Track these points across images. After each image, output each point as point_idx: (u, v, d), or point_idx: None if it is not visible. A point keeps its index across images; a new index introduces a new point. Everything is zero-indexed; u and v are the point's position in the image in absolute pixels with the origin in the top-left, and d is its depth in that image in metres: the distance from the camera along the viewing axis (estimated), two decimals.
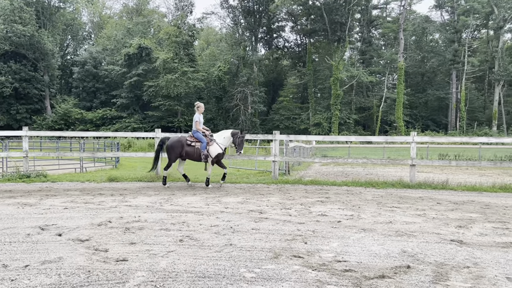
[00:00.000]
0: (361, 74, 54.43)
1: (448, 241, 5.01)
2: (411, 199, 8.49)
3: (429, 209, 7.31)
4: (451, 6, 61.08)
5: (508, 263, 4.15)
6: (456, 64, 57.61)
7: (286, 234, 5.27)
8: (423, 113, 60.85)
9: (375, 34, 67.94)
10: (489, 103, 60.13)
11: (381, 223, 6.06)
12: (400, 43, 56.11)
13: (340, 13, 53.80)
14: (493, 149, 31.78)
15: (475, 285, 3.52)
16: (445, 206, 7.67)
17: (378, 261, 4.20)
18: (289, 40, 68.82)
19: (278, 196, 8.79)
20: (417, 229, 5.63)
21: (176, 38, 53.50)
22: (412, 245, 4.81)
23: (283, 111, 60.28)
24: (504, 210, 7.31)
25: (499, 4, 56.21)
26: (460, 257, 4.33)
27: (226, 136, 10.37)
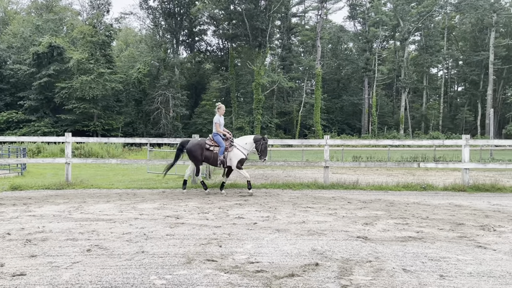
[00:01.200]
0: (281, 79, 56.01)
1: (354, 238, 5.31)
2: (324, 199, 8.88)
3: (340, 208, 7.70)
4: (362, 17, 65.34)
5: (405, 255, 4.50)
6: (368, 71, 61.66)
7: (201, 239, 5.22)
8: (339, 117, 64.20)
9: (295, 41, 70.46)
10: (397, 108, 65.15)
11: (295, 223, 6.25)
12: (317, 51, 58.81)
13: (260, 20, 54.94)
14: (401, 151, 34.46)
15: (375, 278, 3.76)
16: (354, 205, 8.13)
17: (289, 260, 4.32)
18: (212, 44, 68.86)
19: (197, 200, 8.71)
20: (327, 228, 5.90)
21: (92, 37, 50.89)
22: (322, 243, 5.03)
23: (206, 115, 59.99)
24: (406, 207, 7.94)
25: (404, 18, 61.24)
26: (364, 253, 4.61)
27: (249, 142, 9.95)
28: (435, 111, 64.49)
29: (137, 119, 56.36)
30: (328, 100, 62.12)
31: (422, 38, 65.17)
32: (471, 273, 3.92)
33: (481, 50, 60.25)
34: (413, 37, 65.76)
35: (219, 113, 10.04)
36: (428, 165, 12.55)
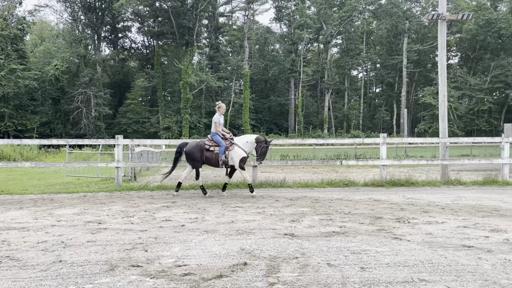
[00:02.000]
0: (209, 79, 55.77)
1: (282, 235, 5.41)
2: (253, 198, 8.97)
3: (268, 206, 7.82)
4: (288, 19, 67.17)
5: (329, 250, 4.67)
6: (294, 73, 63.53)
7: (126, 244, 5.01)
8: (267, 117, 65.42)
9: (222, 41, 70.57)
10: (321, 108, 67.87)
11: (223, 223, 6.23)
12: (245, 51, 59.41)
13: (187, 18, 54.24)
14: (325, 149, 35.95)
15: (301, 274, 3.86)
16: (282, 202, 8.31)
17: (217, 261, 4.29)
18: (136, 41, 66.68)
19: (121, 204, 8.35)
20: (256, 226, 5.95)
21: (2, 31, 46.82)
22: (250, 242, 5.05)
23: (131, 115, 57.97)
24: (330, 203, 8.27)
25: (327, 22, 63.93)
26: (291, 249, 4.71)
27: (250, 141, 9.53)
28: (356, 111, 68.17)
29: (54, 119, 52.89)
30: (256, 100, 63.04)
31: (343, 41, 68.53)
32: (389, 263, 4.16)
33: (396, 54, 64.77)
34: (335, 40, 68.97)
35: (219, 112, 9.77)
36: (350, 163, 13.19)
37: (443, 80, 12.94)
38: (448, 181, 11.74)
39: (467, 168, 17.86)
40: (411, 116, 64.48)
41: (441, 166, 12.64)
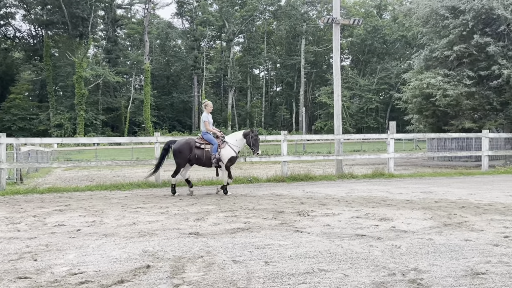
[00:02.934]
0: (107, 73, 52.86)
1: (186, 234, 5.31)
2: (156, 198, 8.68)
3: (172, 205, 7.63)
4: (190, 15, 66.40)
5: (235, 247, 4.69)
6: (197, 70, 63.05)
7: (11, 254, 4.49)
8: (169, 114, 64.03)
9: (121, 34, 67.30)
10: (225, 106, 68.38)
11: (124, 225, 5.92)
12: (145, 45, 57.36)
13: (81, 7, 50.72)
14: None
15: (207, 272, 3.81)
16: (186, 201, 8.17)
17: (118, 266, 4.05)
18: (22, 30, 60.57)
19: (5, 209, 7.49)
20: (159, 227, 5.76)
21: None
22: (153, 244, 4.87)
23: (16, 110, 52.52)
24: (234, 199, 8.34)
25: (229, 20, 64.52)
26: (196, 248, 4.63)
27: (238, 138, 9.37)
28: (258, 109, 69.98)
29: None
30: (158, 97, 61.32)
31: (245, 40, 69.80)
32: (291, 256, 4.31)
33: (295, 55, 67.85)
34: (238, 38, 69.97)
35: (207, 110, 9.52)
36: (253, 159, 13.45)
37: (338, 81, 13.84)
38: (343, 175, 12.60)
39: (358, 163, 19.36)
40: (309, 114, 68.11)
41: (336, 161, 13.52)
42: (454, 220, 6.02)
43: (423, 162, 19.92)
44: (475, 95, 16.29)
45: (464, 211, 6.74)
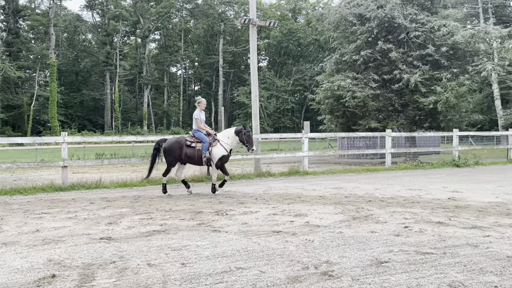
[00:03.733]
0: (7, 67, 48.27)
1: (97, 240, 5.01)
2: (63, 202, 8.10)
3: (82, 210, 7.18)
4: (101, 9, 63.12)
5: (150, 250, 4.53)
6: (109, 66, 60.14)
7: None
8: (79, 113, 60.26)
9: (23, 25, 61.88)
10: (140, 104, 66.12)
11: (26, 233, 5.43)
12: (51, 39, 53.30)
13: None
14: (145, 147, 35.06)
15: (119, 278, 3.63)
16: (98, 205, 7.73)
17: (20, 277, 3.70)
18: None
19: None
20: (66, 233, 5.37)
21: None
22: (60, 251, 4.53)
23: None
24: (150, 201, 8.08)
25: (144, 16, 62.48)
26: (108, 254, 4.40)
27: (230, 136, 9.10)
28: (175, 108, 68.66)
29: None
30: (66, 94, 57.33)
31: (162, 37, 68.11)
32: (208, 256, 4.28)
33: (213, 54, 67.72)
34: (154, 35, 68.06)
35: (200, 108, 9.29)
36: None
37: (255, 81, 14.07)
38: (260, 173, 12.84)
39: (276, 161, 19.89)
40: (228, 114, 68.48)
41: (254, 160, 13.75)
42: (362, 214, 6.43)
43: (334, 160, 21.05)
44: (379, 97, 17.57)
45: (370, 205, 7.23)
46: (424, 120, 17.92)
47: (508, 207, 6.93)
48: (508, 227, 5.45)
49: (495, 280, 3.51)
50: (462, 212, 6.56)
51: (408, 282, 3.49)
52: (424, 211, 6.65)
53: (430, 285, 3.41)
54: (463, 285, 3.41)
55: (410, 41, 17.01)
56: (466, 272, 3.72)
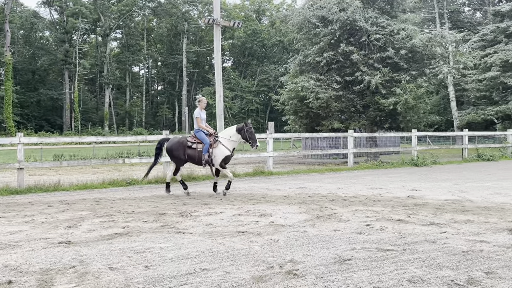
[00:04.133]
0: None
1: (56, 244, 4.83)
2: (19, 206, 7.75)
3: (39, 213, 6.90)
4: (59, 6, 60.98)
5: (111, 253, 4.42)
6: (68, 64, 58.21)
7: None
8: (36, 113, 57.93)
9: None
10: (101, 104, 64.38)
11: None
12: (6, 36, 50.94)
13: None
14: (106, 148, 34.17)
15: (79, 283, 3.52)
16: (56, 208, 7.45)
17: None
18: None
19: None
20: (23, 238, 5.15)
21: None
22: (16, 256, 4.33)
23: None
24: (112, 203, 7.87)
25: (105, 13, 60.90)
26: (67, 258, 4.25)
27: (232, 134, 8.88)
28: (138, 108, 67.32)
29: None
30: (22, 93, 54.92)
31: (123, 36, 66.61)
32: (172, 258, 4.22)
33: (176, 54, 66.92)
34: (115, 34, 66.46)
35: (200, 106, 9.11)
36: (133, 161, 12.92)
37: (219, 81, 14.03)
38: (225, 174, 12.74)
39: (241, 162, 19.87)
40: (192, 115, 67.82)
41: None
42: (325, 213, 6.54)
43: (299, 160, 21.30)
44: (342, 98, 17.95)
45: (333, 204, 7.36)
46: (385, 121, 18.46)
47: (463, 204, 7.25)
48: (463, 224, 5.70)
49: (451, 274, 3.66)
50: (420, 209, 6.80)
51: (370, 278, 3.58)
52: (385, 209, 6.84)
53: (391, 281, 3.51)
54: (422, 280, 3.53)
55: (371, 43, 17.47)
56: (424, 267, 3.86)
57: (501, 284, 3.42)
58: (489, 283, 3.44)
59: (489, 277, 3.57)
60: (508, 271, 3.71)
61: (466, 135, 18.95)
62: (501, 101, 25.71)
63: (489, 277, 3.57)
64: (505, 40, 26.31)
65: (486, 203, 7.32)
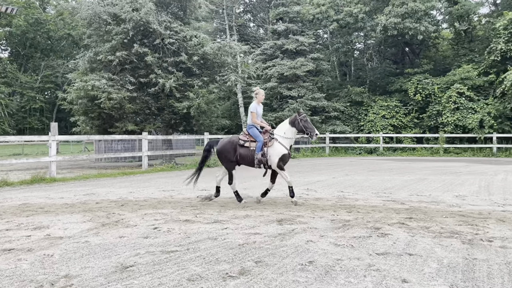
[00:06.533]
0: None
1: None
2: None
3: None
4: None
5: None
6: None
7: None
8: None
9: None
10: None
11: None
12: None
13: None
14: None
15: None
16: None
17: None
18: None
19: None
20: None
21: None
22: None
23: None
24: None
25: None
26: None
27: (286, 129, 7.62)
28: None
29: None
30: None
31: None
32: None
33: None
34: None
35: (257, 100, 7.90)
36: None
37: None
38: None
39: (18, 168, 17.27)
40: None
41: None
42: (112, 219, 6.21)
43: (90, 164, 19.85)
44: (136, 99, 17.55)
45: (122, 209, 7.08)
46: (179, 124, 18.90)
47: (245, 200, 7.96)
48: (242, 219, 6.24)
49: (227, 267, 3.93)
50: (207, 208, 7.16)
51: (151, 282, 3.53)
52: (174, 210, 6.94)
53: (171, 282, 3.54)
54: (201, 276, 3.68)
55: (166, 47, 17.64)
56: (204, 264, 4.03)
57: (266, 270, 3.85)
58: (257, 271, 3.83)
59: (258, 266, 3.97)
60: (273, 258, 4.21)
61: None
62: (278, 108, 29.52)
63: (258, 266, 3.97)
64: (281, 56, 30.39)
65: (264, 198, 8.22)
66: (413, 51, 32.66)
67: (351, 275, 3.71)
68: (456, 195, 8.72)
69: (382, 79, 31.86)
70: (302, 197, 8.46)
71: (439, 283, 3.51)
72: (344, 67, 37.62)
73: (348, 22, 28.48)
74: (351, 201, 7.91)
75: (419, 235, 5.15)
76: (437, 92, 26.43)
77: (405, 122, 27.37)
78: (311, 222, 5.98)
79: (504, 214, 6.63)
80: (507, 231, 5.41)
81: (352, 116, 28.75)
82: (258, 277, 3.66)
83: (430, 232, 5.30)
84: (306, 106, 27.65)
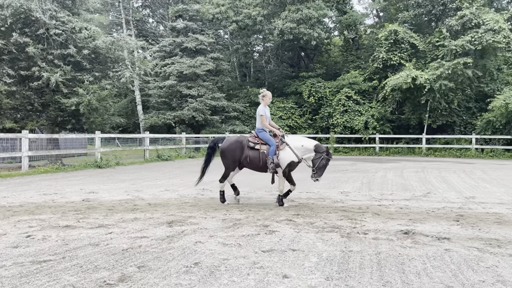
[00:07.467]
0: None
1: None
2: None
3: None
4: None
5: None
6: None
7: None
8: None
9: None
10: None
11: None
12: None
13: None
14: None
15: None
16: None
17: None
18: None
19: None
20: None
21: None
22: None
23: None
24: None
25: None
26: None
27: (306, 147, 7.27)
28: None
29: None
30: None
31: None
32: None
33: None
34: None
35: (264, 102, 7.54)
36: None
37: None
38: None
39: None
40: None
41: None
42: None
43: None
44: (16, 94, 15.85)
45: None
46: (67, 122, 17.51)
47: (136, 203, 7.61)
48: (130, 222, 5.94)
49: (106, 275, 3.67)
50: (92, 212, 6.68)
51: None
52: (54, 216, 6.36)
53: None
54: (74, 287, 3.38)
55: (51, 38, 16.19)
56: (81, 273, 3.72)
57: (149, 275, 3.68)
58: (139, 276, 3.64)
59: (141, 271, 3.78)
60: (158, 262, 4.05)
61: (147, 137, 20.31)
62: (177, 107, 28.97)
63: (141, 271, 3.78)
64: (180, 54, 29.88)
65: (155, 200, 7.94)
66: (308, 55, 34.51)
67: (235, 274, 3.72)
68: (341, 191, 9.35)
69: (280, 81, 33.15)
70: (197, 197, 8.36)
71: (317, 276, 3.68)
72: (244, 68, 38.35)
73: (247, 24, 29.07)
74: (243, 200, 8.03)
75: (304, 231, 5.38)
76: (328, 95, 28.27)
77: (300, 123, 28.81)
78: (202, 222, 5.91)
79: (380, 208, 7.27)
80: (381, 223, 5.92)
81: (252, 117, 29.42)
82: (139, 283, 3.47)
83: (314, 228, 5.58)
84: (206, 105, 27.61)
